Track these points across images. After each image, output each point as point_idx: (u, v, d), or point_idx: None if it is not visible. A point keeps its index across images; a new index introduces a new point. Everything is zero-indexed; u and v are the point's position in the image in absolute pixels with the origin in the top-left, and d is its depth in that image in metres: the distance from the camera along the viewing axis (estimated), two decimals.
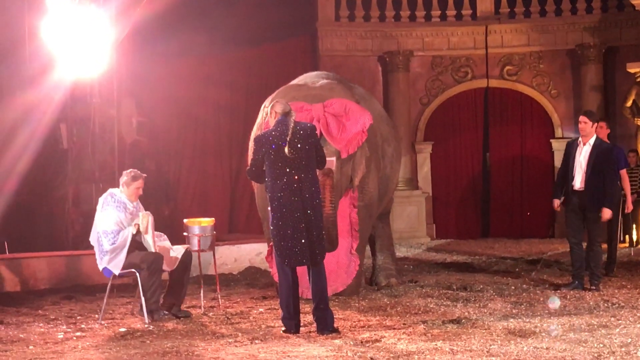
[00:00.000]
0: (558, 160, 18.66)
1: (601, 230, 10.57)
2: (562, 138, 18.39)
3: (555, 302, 9.08)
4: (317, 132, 9.09)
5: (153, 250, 8.74)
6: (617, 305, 8.97)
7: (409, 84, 19.17)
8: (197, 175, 18.09)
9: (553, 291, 10.09)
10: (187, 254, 9.01)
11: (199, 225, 9.44)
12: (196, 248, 9.31)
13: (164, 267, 8.75)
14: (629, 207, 11.84)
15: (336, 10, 19.23)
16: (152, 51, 16.30)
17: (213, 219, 9.68)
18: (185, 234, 9.41)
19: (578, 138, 10.53)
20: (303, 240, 7.68)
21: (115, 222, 8.65)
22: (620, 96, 18.26)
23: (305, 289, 9.81)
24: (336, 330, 7.73)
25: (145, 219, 8.70)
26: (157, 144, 17.32)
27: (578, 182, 10.32)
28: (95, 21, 13.03)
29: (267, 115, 8.79)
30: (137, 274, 8.62)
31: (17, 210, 13.59)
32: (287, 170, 7.71)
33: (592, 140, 10.32)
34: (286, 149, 7.67)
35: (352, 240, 9.96)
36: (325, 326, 7.73)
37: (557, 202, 10.71)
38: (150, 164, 16.45)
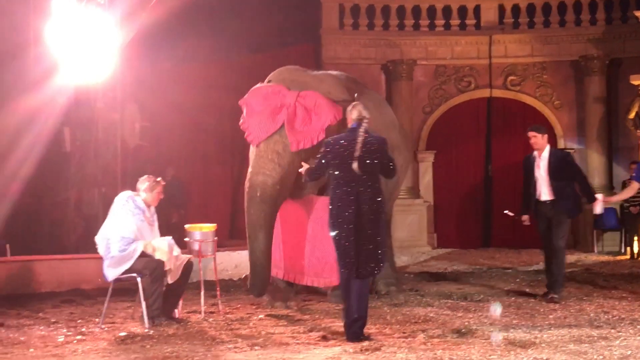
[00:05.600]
0: None
1: (566, 235, 10.67)
2: (565, 149, 18.37)
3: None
4: (281, 120, 9.28)
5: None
6: (617, 317, 8.96)
7: (412, 93, 19.19)
8: (199, 181, 18.09)
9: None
10: (189, 264, 9.01)
11: (200, 231, 9.47)
12: (197, 253, 9.33)
13: (168, 279, 8.75)
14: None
15: (340, 18, 19.27)
16: (156, 56, 16.34)
17: (214, 224, 9.71)
18: (186, 239, 9.42)
19: (533, 152, 10.82)
20: (352, 252, 7.70)
21: (132, 230, 8.62)
22: (623, 108, 18.31)
23: (299, 274, 9.88)
24: (368, 338, 7.72)
25: (165, 254, 8.70)
26: (159, 149, 17.33)
27: (544, 194, 10.58)
28: (100, 26, 13.07)
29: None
30: (138, 280, 8.62)
31: (19, 213, 13.60)
32: (350, 182, 7.76)
33: (545, 152, 10.67)
34: (355, 165, 7.70)
35: None
36: (356, 335, 7.70)
37: (526, 217, 10.99)
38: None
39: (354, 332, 7.70)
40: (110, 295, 8.96)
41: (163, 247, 8.71)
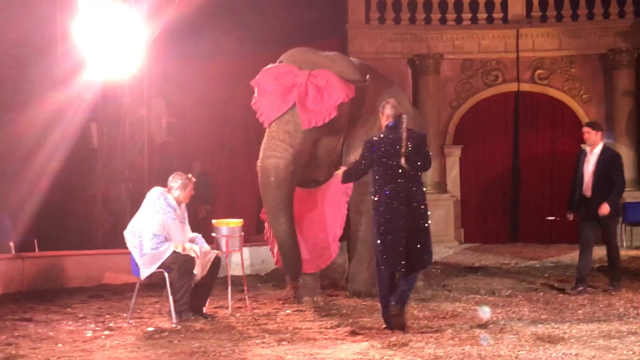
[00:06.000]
0: None
1: (616, 233, 10.88)
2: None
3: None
4: (293, 100, 9.29)
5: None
6: None
7: (439, 87, 19.12)
8: (225, 176, 18.11)
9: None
10: (217, 260, 9.00)
11: (227, 226, 9.47)
12: (224, 249, 9.34)
13: (196, 272, 8.74)
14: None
15: (366, 12, 19.22)
16: (182, 52, 16.36)
17: (241, 220, 9.70)
18: (213, 234, 9.42)
19: (586, 147, 10.85)
20: (401, 248, 7.77)
21: (164, 227, 8.63)
22: None
23: (312, 263, 9.88)
24: (406, 330, 7.84)
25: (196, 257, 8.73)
26: (185, 144, 17.36)
27: (589, 190, 10.60)
28: (127, 22, 13.12)
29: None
30: (166, 275, 8.63)
31: (47, 209, 13.68)
32: (398, 179, 7.82)
33: (597, 149, 10.62)
34: (403, 162, 7.77)
35: (337, 229, 10.05)
36: (400, 324, 7.86)
37: (570, 215, 11.00)
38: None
39: (404, 298, 7.91)
40: (137, 290, 8.98)
41: (195, 250, 8.70)
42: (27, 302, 10.09)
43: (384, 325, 7.99)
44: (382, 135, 7.97)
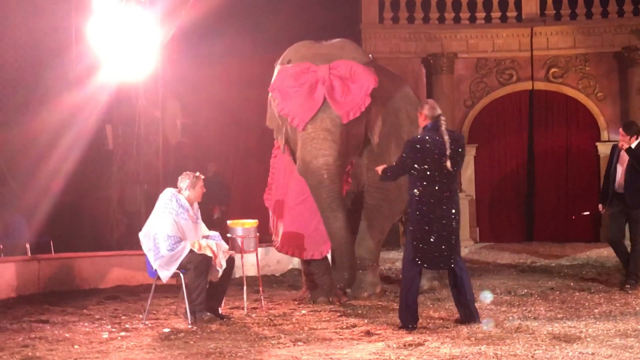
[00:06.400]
0: (604, 164, 18.51)
1: None
2: (608, 141, 18.21)
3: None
4: (321, 97, 9.24)
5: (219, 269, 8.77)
6: None
7: (453, 86, 19.10)
8: (240, 177, 18.12)
9: (597, 292, 10.01)
10: (231, 260, 8.98)
11: (242, 227, 9.49)
12: (239, 249, 9.34)
13: (218, 269, 8.74)
14: None
15: (380, 12, 19.22)
16: (197, 53, 16.39)
17: (256, 220, 9.70)
18: (228, 235, 9.43)
19: (620, 144, 10.82)
20: (443, 247, 7.98)
21: (177, 228, 8.63)
22: None
23: (315, 250, 9.77)
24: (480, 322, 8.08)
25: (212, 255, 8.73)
26: (200, 145, 17.38)
27: (618, 185, 10.68)
28: (141, 24, 13.15)
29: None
30: (182, 275, 8.65)
31: (62, 210, 13.73)
32: (442, 179, 8.00)
33: (633, 146, 10.63)
34: (448, 164, 7.96)
35: None
36: (472, 317, 8.17)
37: (600, 206, 11.09)
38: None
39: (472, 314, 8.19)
40: (153, 292, 9.00)
41: (211, 246, 8.70)
42: (43, 304, 10.13)
43: (400, 325, 7.99)
44: (427, 137, 8.05)
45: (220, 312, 8.92)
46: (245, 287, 9.54)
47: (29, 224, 13.13)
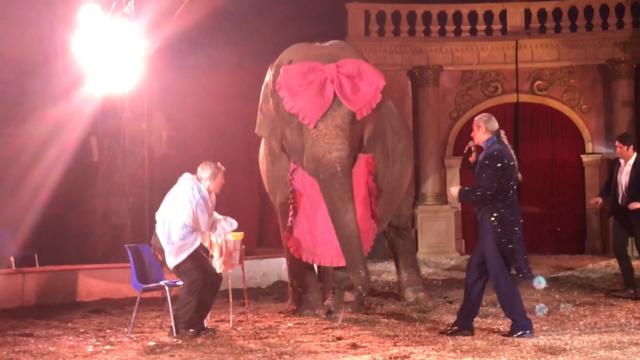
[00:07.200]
0: (589, 176, 18.67)
1: None
2: (593, 153, 18.31)
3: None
4: (331, 94, 9.21)
5: (218, 271, 8.72)
6: None
7: (439, 99, 19.16)
8: (226, 189, 17.99)
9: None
10: (218, 277, 8.90)
11: None
12: None
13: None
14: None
15: (366, 24, 19.28)
16: (182, 65, 16.36)
17: (242, 233, 9.65)
18: None
19: (620, 158, 11.11)
20: (526, 257, 8.34)
21: (193, 218, 8.59)
22: None
23: (335, 256, 9.63)
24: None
25: (218, 252, 8.70)
26: (186, 157, 17.34)
27: (621, 200, 10.94)
28: (127, 36, 13.15)
29: (273, 77, 9.66)
30: (166, 288, 8.61)
31: (47, 223, 13.68)
32: (516, 191, 8.37)
33: (631, 161, 10.95)
34: (519, 175, 8.38)
35: (372, 206, 9.84)
36: (469, 328, 8.35)
37: (597, 199, 11.50)
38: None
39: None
40: (138, 305, 8.97)
41: (219, 243, 8.67)
42: (27, 317, 10.06)
43: (520, 333, 8.13)
44: (502, 150, 8.28)
45: (205, 325, 8.88)
46: (231, 300, 9.51)
47: (14, 236, 13.08)
